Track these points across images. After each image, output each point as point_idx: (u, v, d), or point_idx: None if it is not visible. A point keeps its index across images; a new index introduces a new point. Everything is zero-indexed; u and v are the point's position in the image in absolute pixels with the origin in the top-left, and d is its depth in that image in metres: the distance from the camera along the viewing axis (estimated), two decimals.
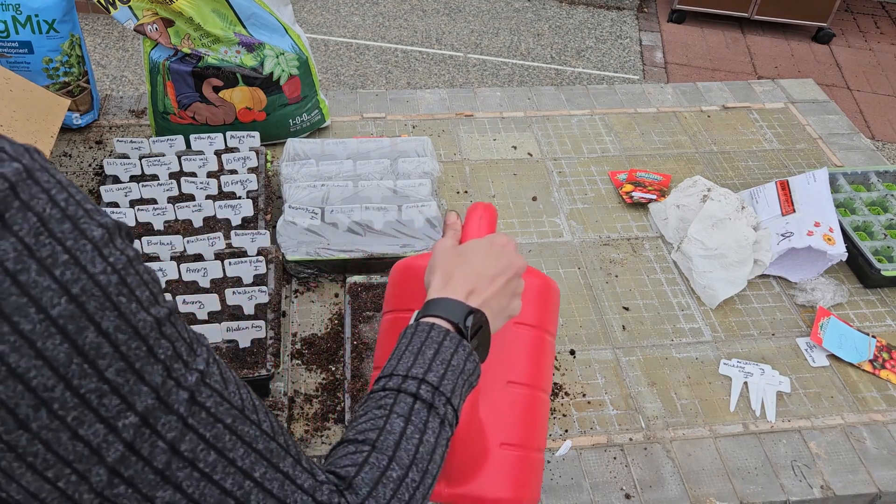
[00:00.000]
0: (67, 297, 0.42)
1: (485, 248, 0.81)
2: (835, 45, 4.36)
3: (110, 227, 0.47)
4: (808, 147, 1.76)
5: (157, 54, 1.45)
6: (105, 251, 0.45)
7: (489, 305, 0.76)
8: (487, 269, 0.78)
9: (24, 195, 0.42)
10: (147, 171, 1.41)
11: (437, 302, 0.74)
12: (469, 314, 0.72)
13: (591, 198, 1.57)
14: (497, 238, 0.83)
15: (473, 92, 1.85)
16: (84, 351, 0.43)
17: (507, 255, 0.81)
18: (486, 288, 0.77)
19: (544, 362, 0.93)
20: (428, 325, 0.71)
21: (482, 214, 0.88)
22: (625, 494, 1.08)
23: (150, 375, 0.46)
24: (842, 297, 1.38)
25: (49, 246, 0.42)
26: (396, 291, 0.96)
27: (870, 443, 1.17)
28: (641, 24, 4.41)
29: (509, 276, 0.79)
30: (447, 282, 0.76)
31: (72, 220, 0.44)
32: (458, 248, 0.82)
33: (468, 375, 0.70)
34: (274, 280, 1.24)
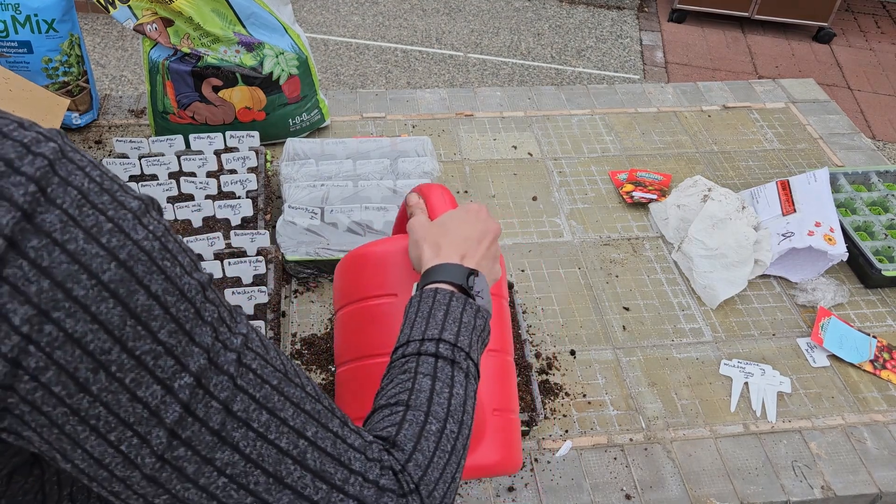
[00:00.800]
0: (116, 262, 0.43)
1: (462, 216, 0.84)
2: (835, 44, 4.35)
3: (145, 199, 0.48)
4: (809, 147, 1.76)
5: (157, 54, 1.45)
6: (144, 220, 0.46)
7: (481, 267, 0.79)
8: (472, 234, 0.81)
9: (62, 171, 0.43)
10: (146, 170, 1.41)
11: (436, 268, 0.75)
12: (470, 274, 0.75)
13: (591, 198, 1.57)
14: (470, 206, 0.86)
15: (473, 92, 1.85)
16: (137, 313, 0.44)
17: (484, 219, 0.84)
18: (475, 251, 0.79)
19: (505, 325, 0.96)
20: (432, 290, 0.72)
21: (441, 191, 0.91)
22: (625, 495, 1.08)
23: (199, 336, 0.47)
24: (842, 297, 1.37)
25: (93, 216, 0.43)
26: (350, 282, 0.95)
27: (870, 443, 1.17)
28: (642, 24, 4.40)
29: (490, 238, 0.82)
30: (438, 251, 0.78)
31: (109, 193, 0.45)
32: (437, 221, 0.84)
33: (480, 331, 0.72)
34: (273, 280, 1.23)
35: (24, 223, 0.41)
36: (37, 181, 0.42)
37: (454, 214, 0.85)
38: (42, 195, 0.42)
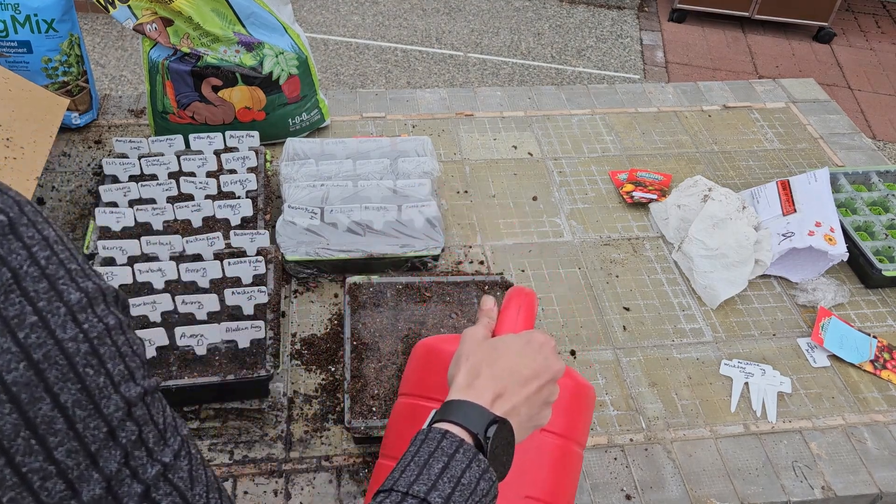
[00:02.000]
0: (27, 362, 0.39)
1: (520, 346, 0.73)
2: (836, 44, 4.35)
3: (90, 291, 0.43)
4: (809, 147, 1.76)
5: (157, 54, 1.45)
6: (80, 316, 0.42)
7: (517, 413, 0.68)
8: (520, 371, 0.70)
9: (2, 249, 0.40)
10: (146, 170, 1.41)
11: (457, 405, 0.65)
12: (492, 423, 0.64)
13: (591, 198, 1.57)
14: (535, 336, 0.75)
15: (473, 91, 1.85)
16: (35, 424, 0.39)
17: (545, 356, 0.73)
18: (516, 392, 0.68)
19: (568, 477, 0.83)
20: (440, 433, 0.62)
21: (521, 304, 0.80)
22: (625, 495, 1.08)
23: (105, 461, 0.41)
24: (843, 297, 1.37)
25: (18, 305, 0.39)
26: (415, 373, 0.88)
27: (871, 443, 1.17)
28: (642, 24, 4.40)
29: (544, 380, 0.71)
30: (473, 380, 0.68)
31: (49, 280, 0.41)
32: (490, 341, 0.74)
33: (481, 496, 0.60)
34: (273, 280, 1.23)
35: None
36: None
37: (512, 340, 0.74)
38: None
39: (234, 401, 1.14)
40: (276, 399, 1.15)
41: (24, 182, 1.16)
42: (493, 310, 0.80)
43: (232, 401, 1.14)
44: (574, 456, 0.83)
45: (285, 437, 1.10)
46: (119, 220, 1.29)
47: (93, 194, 1.48)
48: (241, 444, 1.09)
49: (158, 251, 1.24)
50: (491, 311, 0.80)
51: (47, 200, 1.46)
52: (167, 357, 1.11)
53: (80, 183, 1.50)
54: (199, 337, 1.10)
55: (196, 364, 1.10)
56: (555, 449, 0.81)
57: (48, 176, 1.51)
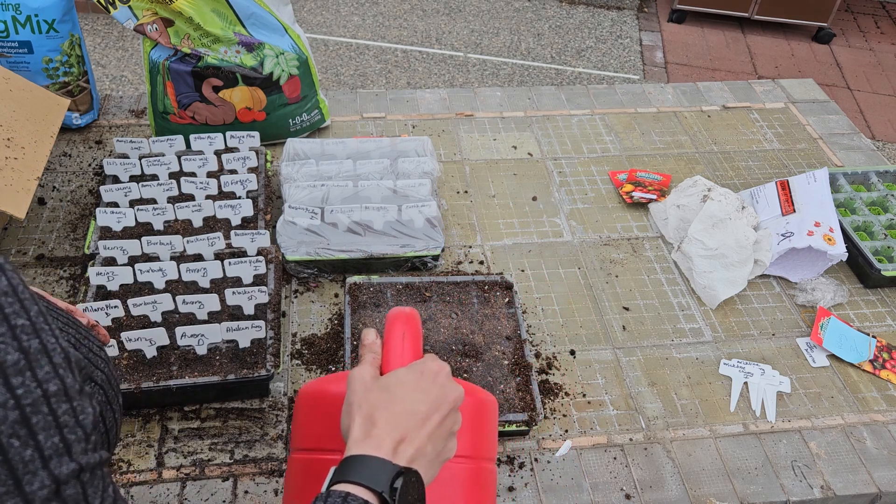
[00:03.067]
0: None
1: (413, 380, 0.66)
2: (835, 44, 4.35)
3: (32, 351, 0.39)
4: (809, 147, 1.76)
5: (157, 54, 1.45)
6: (14, 380, 0.38)
7: (423, 454, 0.62)
8: (419, 407, 0.64)
9: None
10: (147, 170, 1.41)
11: (356, 461, 0.59)
12: (397, 476, 0.58)
13: (591, 198, 1.57)
14: (428, 365, 0.68)
15: (473, 92, 1.85)
16: None
17: (440, 385, 0.67)
18: (417, 432, 0.62)
19: (485, 497, 0.79)
20: (340, 499, 0.56)
21: (405, 331, 0.73)
22: (625, 495, 1.08)
23: None
24: (842, 297, 1.37)
25: None
26: (304, 424, 0.79)
27: (870, 443, 1.17)
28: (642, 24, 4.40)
29: (444, 412, 0.65)
30: (370, 429, 0.61)
31: None
32: (381, 382, 0.67)
33: None
34: (274, 280, 1.23)
35: None
36: None
37: (404, 376, 0.67)
38: None
39: (235, 400, 1.14)
40: (277, 399, 1.15)
41: (25, 182, 1.16)
42: (376, 342, 0.73)
43: (232, 400, 1.14)
44: (486, 473, 0.79)
45: (286, 437, 1.10)
46: (120, 220, 1.30)
47: (94, 194, 1.48)
48: (242, 443, 1.09)
49: (159, 251, 1.25)
50: (374, 344, 0.72)
51: (48, 200, 1.46)
52: (168, 357, 1.11)
53: (80, 183, 1.50)
54: (200, 337, 1.10)
55: (197, 364, 1.11)
56: (466, 474, 0.76)
57: (49, 176, 1.51)
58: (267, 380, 1.11)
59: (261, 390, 1.14)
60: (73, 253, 1.36)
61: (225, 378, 1.08)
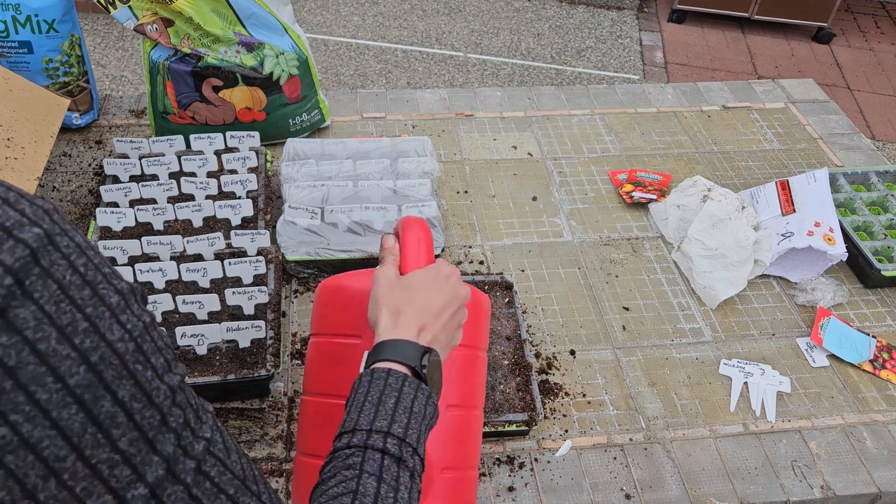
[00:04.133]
0: (86, 365, 0.42)
1: (430, 280, 0.80)
2: (835, 44, 4.35)
3: (125, 291, 0.46)
4: (809, 147, 1.76)
5: (157, 54, 1.45)
6: (122, 317, 0.44)
7: (438, 340, 0.75)
8: (434, 303, 0.77)
9: (44, 261, 0.41)
10: (147, 170, 1.41)
11: (391, 344, 0.72)
12: (424, 354, 0.71)
13: (591, 198, 1.57)
14: (442, 268, 0.82)
15: (473, 92, 1.85)
16: (99, 420, 0.42)
17: (452, 285, 0.80)
18: (434, 322, 0.76)
19: (477, 380, 0.92)
20: (384, 372, 0.69)
21: (420, 238, 0.84)
22: (625, 495, 1.08)
23: (161, 444, 0.45)
24: (842, 297, 1.37)
25: (69, 313, 0.42)
26: (325, 313, 0.92)
27: (870, 443, 1.17)
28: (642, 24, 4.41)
29: (455, 307, 0.79)
30: (396, 319, 0.74)
31: (91, 286, 0.43)
32: (402, 281, 0.80)
33: (429, 419, 0.69)
34: (274, 280, 1.23)
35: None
36: (15, 273, 0.40)
37: (423, 276, 0.80)
38: (19, 288, 0.40)
39: (235, 400, 1.14)
40: (277, 398, 1.15)
41: (25, 182, 1.16)
42: (395, 247, 0.84)
43: (233, 400, 1.14)
44: (479, 360, 0.92)
45: (286, 437, 1.10)
46: (120, 220, 1.30)
47: (94, 194, 1.48)
48: (242, 443, 1.09)
49: (159, 251, 1.25)
50: (394, 248, 0.84)
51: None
52: None
53: (80, 183, 1.50)
54: (200, 337, 1.10)
55: (197, 364, 1.11)
56: (464, 359, 0.89)
57: (49, 176, 1.51)
58: (267, 380, 1.11)
59: (261, 390, 1.14)
60: None
61: (225, 378, 1.08)
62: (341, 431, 0.67)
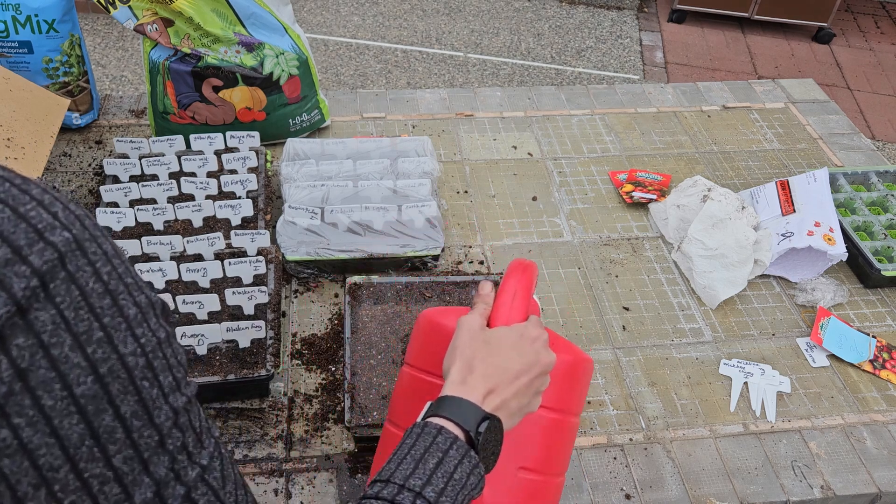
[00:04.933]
0: (95, 375, 0.41)
1: (512, 341, 0.76)
2: (835, 44, 4.35)
3: (144, 305, 0.46)
4: (809, 147, 1.76)
5: (157, 54, 1.45)
6: (138, 331, 0.44)
7: (507, 406, 0.72)
8: (512, 366, 0.73)
9: (71, 266, 0.42)
10: (147, 170, 1.41)
11: (451, 401, 0.69)
12: (483, 420, 0.68)
13: (591, 198, 1.57)
14: (528, 330, 0.78)
15: (473, 92, 1.85)
16: (98, 434, 0.42)
17: (536, 350, 0.76)
18: (506, 387, 0.72)
19: (562, 447, 0.86)
20: (435, 430, 0.66)
21: (517, 291, 0.80)
22: (625, 495, 1.08)
23: (154, 466, 0.45)
24: (842, 297, 1.37)
25: (87, 321, 0.42)
26: (418, 346, 0.90)
27: (870, 443, 1.17)
28: (641, 24, 4.41)
29: (534, 374, 0.75)
30: (466, 376, 0.72)
31: (112, 296, 0.43)
32: (484, 335, 0.76)
33: (470, 489, 0.66)
34: (274, 280, 1.24)
35: (17, 318, 0.39)
36: (41, 275, 0.40)
37: (506, 335, 0.76)
38: (43, 290, 0.40)
39: (235, 400, 1.14)
40: (277, 399, 1.15)
41: None
42: (490, 295, 0.82)
43: (232, 400, 1.14)
44: (567, 426, 0.86)
45: (286, 437, 1.11)
46: (120, 220, 1.30)
47: (94, 194, 1.48)
48: (242, 443, 1.09)
49: (159, 251, 1.25)
50: (488, 296, 0.82)
51: None
52: None
53: (80, 183, 1.51)
54: (200, 337, 1.10)
55: (197, 364, 1.11)
56: (548, 423, 0.83)
57: (49, 176, 1.51)
58: (267, 380, 1.11)
59: (261, 390, 1.14)
60: None
61: (225, 378, 1.08)
62: (376, 479, 0.65)
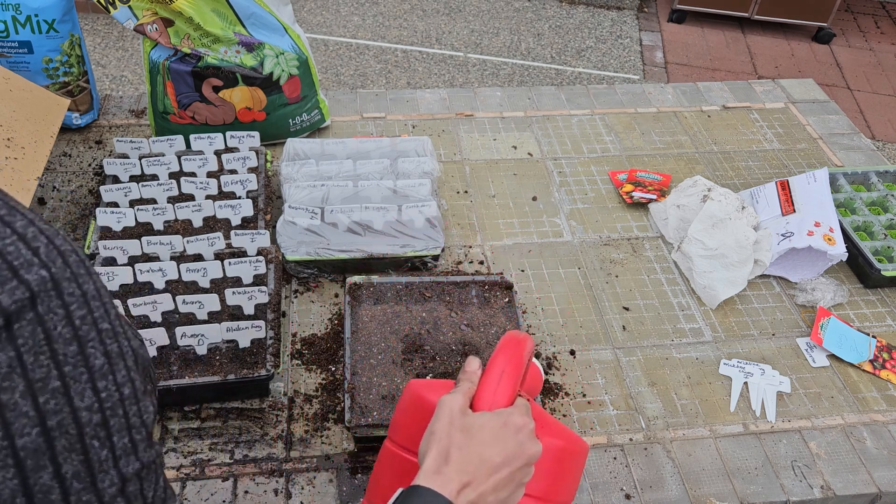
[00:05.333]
0: (41, 428, 0.38)
1: (495, 429, 0.69)
2: (835, 44, 4.35)
3: (114, 355, 0.43)
4: (809, 147, 1.76)
5: (157, 54, 1.45)
6: (100, 384, 0.41)
7: (484, 501, 0.66)
8: (492, 457, 0.67)
9: (41, 307, 0.39)
10: (147, 170, 1.41)
11: (423, 493, 0.63)
12: None
13: (591, 198, 1.57)
14: (513, 418, 0.71)
15: (473, 92, 1.85)
16: (32, 492, 0.39)
17: (520, 441, 0.70)
18: (484, 481, 0.66)
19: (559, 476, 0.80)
20: None
21: (504, 371, 0.74)
22: (625, 495, 1.08)
23: None
24: (842, 297, 1.37)
25: (45, 368, 0.39)
26: (403, 419, 0.84)
27: (870, 443, 1.17)
28: (641, 24, 4.40)
29: (516, 467, 0.69)
30: (441, 465, 0.65)
31: (80, 343, 0.41)
32: (464, 420, 0.69)
33: None
34: (274, 280, 1.24)
35: None
36: (7, 315, 0.38)
37: (489, 422, 0.70)
38: (5, 330, 0.37)
39: (235, 400, 1.14)
40: (277, 399, 1.15)
41: (25, 182, 1.16)
42: (476, 373, 0.75)
43: (232, 400, 1.14)
44: None
45: (286, 437, 1.11)
46: (120, 220, 1.30)
47: (94, 194, 1.48)
48: (242, 443, 1.09)
49: (159, 251, 1.25)
50: (473, 374, 0.75)
51: (48, 201, 1.46)
52: (168, 357, 1.11)
53: (80, 183, 1.50)
54: (200, 337, 1.10)
55: (197, 364, 1.11)
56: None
57: (49, 176, 1.51)
58: (267, 380, 1.11)
59: (261, 390, 1.14)
60: None
61: (225, 378, 1.08)
62: None
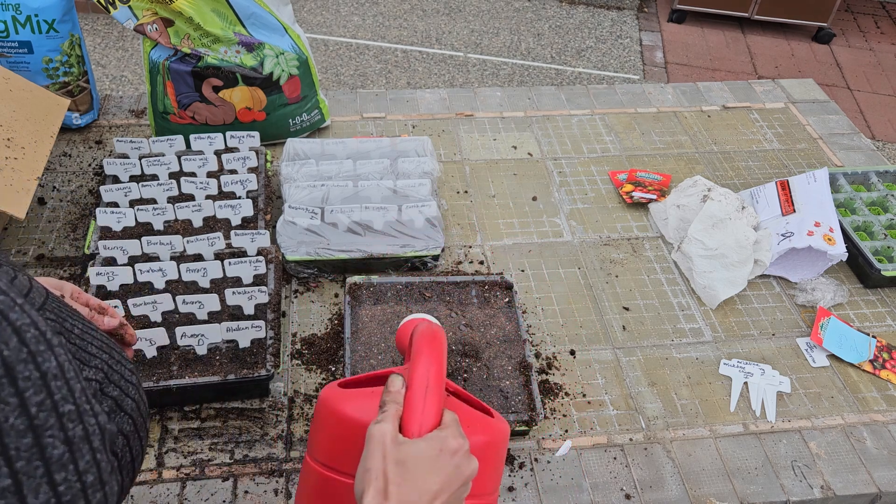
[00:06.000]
0: None
1: (431, 458, 0.68)
2: (835, 44, 4.35)
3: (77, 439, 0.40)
4: (809, 147, 1.76)
5: (157, 54, 1.45)
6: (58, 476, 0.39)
7: None
8: (430, 487, 0.66)
9: None
10: (147, 170, 1.41)
11: None
12: None
13: (591, 198, 1.57)
14: (448, 442, 0.69)
15: (473, 92, 1.85)
16: None
17: (456, 464, 0.69)
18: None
19: None
20: None
21: (429, 385, 0.71)
22: (625, 495, 1.08)
23: None
24: (842, 297, 1.37)
25: None
26: (321, 439, 0.80)
27: (870, 443, 1.17)
28: (642, 24, 4.40)
29: (454, 488, 0.68)
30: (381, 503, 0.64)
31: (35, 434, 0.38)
32: (398, 453, 0.68)
33: None
34: (274, 280, 1.24)
35: None
36: None
37: (423, 451, 0.68)
38: None
39: (235, 400, 1.14)
40: (277, 399, 1.15)
41: (25, 182, 1.16)
42: (400, 393, 0.72)
43: (233, 400, 1.14)
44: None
45: (286, 437, 1.10)
46: (120, 220, 1.30)
47: (94, 194, 1.48)
48: (242, 443, 1.09)
49: (159, 251, 1.25)
50: (398, 394, 0.72)
51: (48, 200, 1.46)
52: (168, 357, 1.11)
53: (80, 183, 1.50)
54: (200, 337, 1.10)
55: (197, 364, 1.11)
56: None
57: (49, 176, 1.51)
58: (267, 380, 1.11)
59: (261, 390, 1.14)
60: (73, 253, 1.36)
61: (225, 378, 1.08)
62: None
